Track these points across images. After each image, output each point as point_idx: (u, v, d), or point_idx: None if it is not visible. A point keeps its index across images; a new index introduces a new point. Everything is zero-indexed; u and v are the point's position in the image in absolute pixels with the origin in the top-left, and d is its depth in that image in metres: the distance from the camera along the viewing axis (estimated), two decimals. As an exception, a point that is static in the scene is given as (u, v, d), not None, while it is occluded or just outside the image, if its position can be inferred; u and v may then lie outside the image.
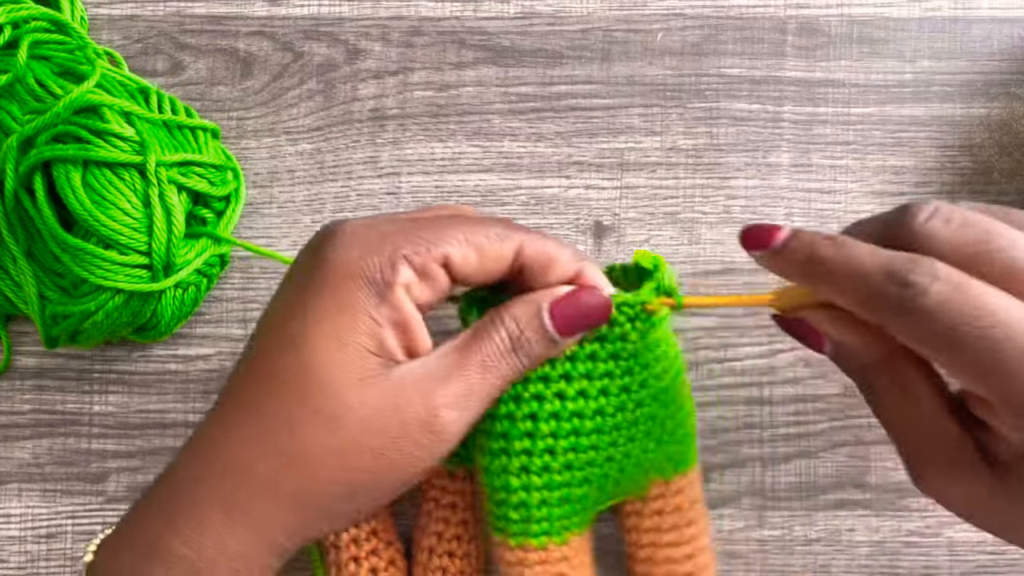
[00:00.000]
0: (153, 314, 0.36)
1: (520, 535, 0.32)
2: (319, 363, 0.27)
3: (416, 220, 0.29)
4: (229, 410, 0.29)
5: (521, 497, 0.31)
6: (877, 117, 0.40)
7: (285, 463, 0.27)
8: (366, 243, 0.28)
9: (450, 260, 0.28)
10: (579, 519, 0.32)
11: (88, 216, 0.33)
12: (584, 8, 0.40)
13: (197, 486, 0.28)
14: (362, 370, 0.27)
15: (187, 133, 0.37)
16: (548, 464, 0.31)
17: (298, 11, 0.41)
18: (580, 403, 0.31)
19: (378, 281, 0.27)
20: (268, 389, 0.28)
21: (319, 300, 0.28)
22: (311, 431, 0.27)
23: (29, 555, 0.38)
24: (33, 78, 0.36)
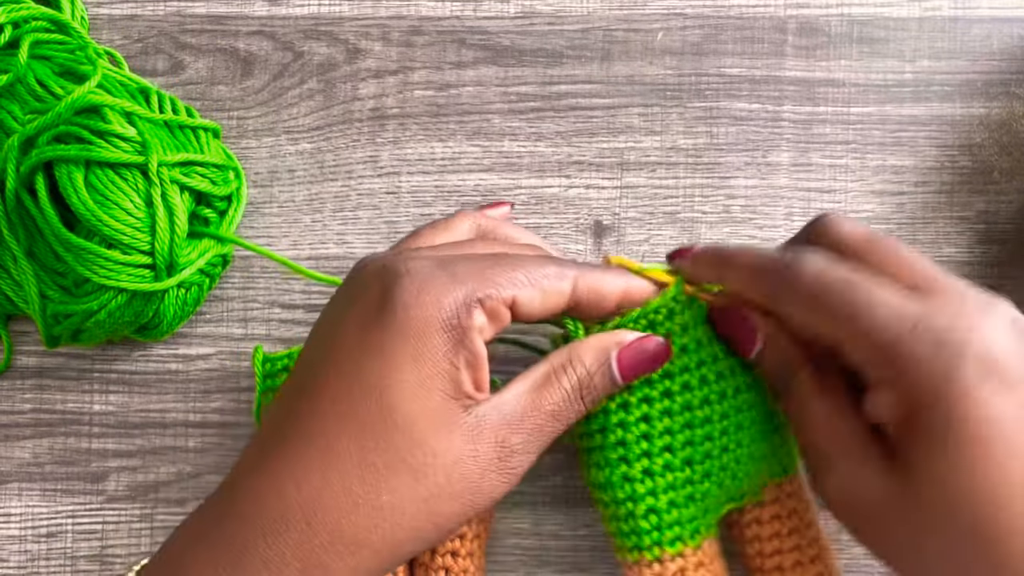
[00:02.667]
0: (156, 313, 0.36)
1: (654, 545, 0.31)
2: (403, 411, 0.27)
3: (481, 261, 0.29)
4: (297, 450, 0.27)
5: (649, 503, 0.31)
6: (877, 117, 0.40)
7: (369, 516, 0.27)
8: (439, 287, 0.28)
9: (517, 302, 0.29)
10: (707, 519, 0.32)
11: (91, 216, 0.33)
12: (584, 8, 0.41)
13: (268, 542, 0.27)
14: (444, 416, 0.27)
15: (188, 133, 0.37)
16: (669, 462, 0.31)
17: (298, 11, 0.41)
18: (687, 396, 0.31)
19: (456, 327, 0.28)
20: (347, 434, 0.27)
21: (399, 347, 0.27)
22: (400, 483, 0.27)
23: (29, 554, 0.39)
24: (34, 78, 0.36)
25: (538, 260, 0.30)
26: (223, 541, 0.27)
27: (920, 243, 0.40)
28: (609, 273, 0.31)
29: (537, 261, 0.30)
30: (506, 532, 0.38)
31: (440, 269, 0.28)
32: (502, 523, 0.38)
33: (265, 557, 0.26)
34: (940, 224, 0.40)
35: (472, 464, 0.28)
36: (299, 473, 0.27)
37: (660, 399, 0.31)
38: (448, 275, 0.28)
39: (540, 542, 0.38)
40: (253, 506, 0.27)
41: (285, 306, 0.40)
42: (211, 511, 0.28)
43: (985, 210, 0.40)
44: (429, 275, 0.28)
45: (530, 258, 0.30)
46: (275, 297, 0.40)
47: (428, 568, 0.34)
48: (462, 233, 0.34)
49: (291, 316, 0.39)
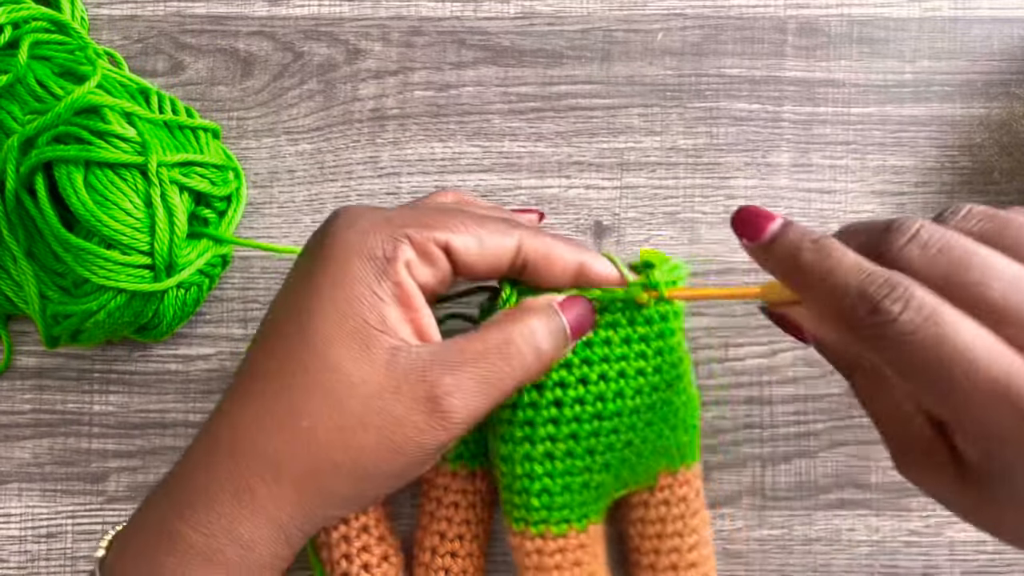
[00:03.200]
0: (155, 314, 0.36)
1: (541, 523, 0.32)
2: (321, 336, 0.28)
3: (419, 207, 0.30)
4: (238, 389, 0.29)
5: (545, 484, 0.32)
6: (877, 117, 0.40)
7: (288, 440, 0.27)
8: (369, 222, 0.29)
9: (451, 245, 0.29)
10: (597, 506, 0.33)
11: (90, 217, 0.33)
12: (584, 8, 0.41)
13: (206, 470, 0.28)
14: (363, 343, 0.28)
15: (188, 133, 0.37)
16: (572, 449, 0.32)
17: (298, 11, 0.41)
18: (601, 386, 0.32)
19: (379, 257, 0.28)
20: (274, 363, 0.28)
21: (323, 275, 0.28)
22: (313, 406, 0.27)
23: (29, 555, 0.39)
24: (34, 78, 0.36)
25: (486, 216, 0.30)
26: (175, 478, 0.29)
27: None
28: (567, 244, 0.31)
29: (485, 216, 0.30)
30: (506, 532, 0.38)
31: (376, 210, 0.30)
32: (502, 523, 0.38)
33: (203, 483, 0.28)
34: (940, 224, 0.40)
35: (392, 399, 0.27)
36: (234, 404, 0.29)
37: (575, 385, 0.31)
38: (382, 214, 0.29)
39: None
40: (196, 443, 0.29)
41: (285, 306, 0.40)
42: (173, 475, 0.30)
43: (985, 210, 0.40)
44: (363, 212, 0.29)
45: (479, 214, 0.30)
46: (275, 297, 0.40)
47: (428, 568, 0.35)
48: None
49: None
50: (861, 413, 0.39)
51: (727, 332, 0.39)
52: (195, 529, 0.28)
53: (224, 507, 0.28)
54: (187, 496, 0.28)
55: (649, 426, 0.33)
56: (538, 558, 0.33)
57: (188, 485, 0.28)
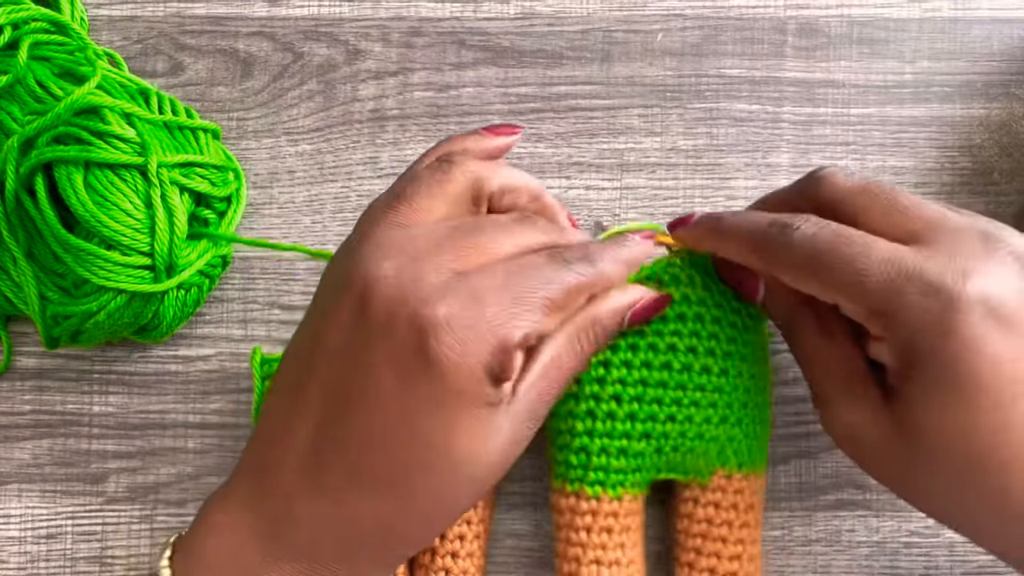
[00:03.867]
0: (155, 315, 0.36)
1: (576, 481, 0.33)
2: (464, 453, 0.28)
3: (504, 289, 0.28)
4: (366, 488, 0.28)
5: (583, 442, 0.33)
6: (877, 118, 0.40)
7: (442, 525, 0.32)
8: (475, 339, 0.27)
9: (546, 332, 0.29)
10: (635, 478, 0.33)
11: (90, 217, 0.33)
12: (584, 8, 0.41)
13: (346, 551, 0.29)
14: (491, 433, 0.28)
15: (188, 134, 0.37)
16: (613, 411, 0.32)
17: (298, 11, 0.41)
18: (650, 355, 0.32)
19: (495, 371, 0.28)
20: (413, 480, 0.28)
21: (449, 401, 0.27)
22: (465, 496, 0.29)
23: (29, 555, 0.39)
24: (33, 79, 0.36)
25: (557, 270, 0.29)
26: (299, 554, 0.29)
27: (920, 244, 0.40)
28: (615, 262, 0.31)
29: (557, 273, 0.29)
30: (506, 533, 0.38)
31: (474, 312, 0.27)
32: (502, 524, 0.38)
33: (344, 566, 0.29)
34: (940, 225, 0.40)
35: (516, 442, 0.29)
36: (371, 507, 0.28)
37: (624, 349, 0.33)
38: (482, 320, 0.27)
39: (540, 543, 0.38)
40: (329, 527, 0.29)
41: (285, 307, 0.40)
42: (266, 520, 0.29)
43: (985, 211, 0.40)
44: (465, 323, 0.27)
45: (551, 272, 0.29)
46: (275, 298, 0.40)
47: (428, 569, 0.35)
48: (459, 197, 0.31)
49: (291, 317, 0.40)
50: (861, 414, 0.39)
51: (727, 333, 0.39)
52: None
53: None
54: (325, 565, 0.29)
55: (696, 407, 0.33)
56: (571, 516, 0.33)
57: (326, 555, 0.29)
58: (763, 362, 0.35)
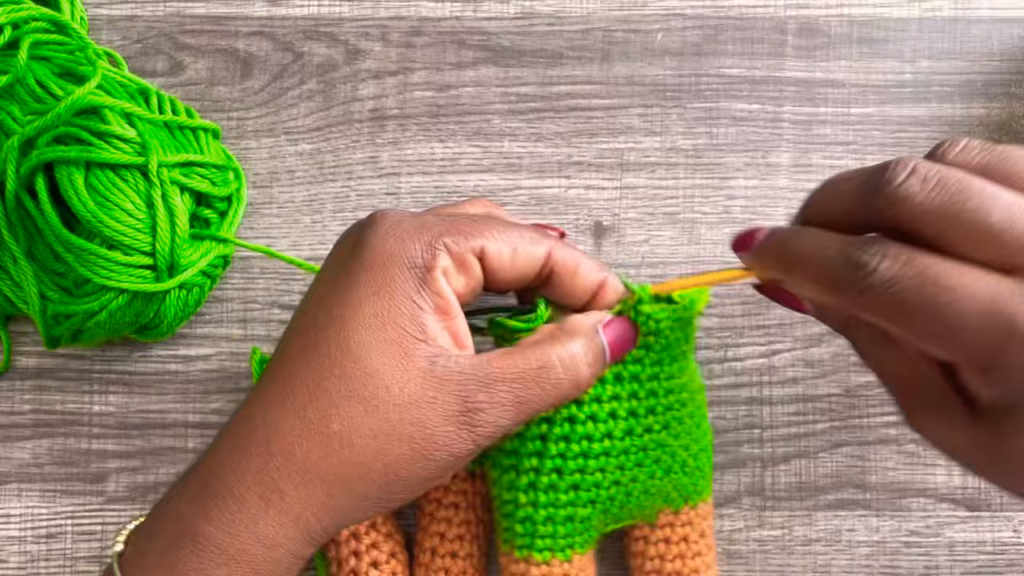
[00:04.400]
0: (156, 314, 0.36)
1: (524, 548, 0.32)
2: (360, 343, 0.28)
3: (454, 215, 0.30)
4: (269, 385, 0.29)
5: (527, 512, 0.32)
6: (877, 117, 0.40)
7: (321, 442, 0.28)
8: (407, 230, 0.29)
9: (486, 253, 0.29)
10: (583, 538, 0.33)
11: (92, 218, 0.34)
12: (584, 8, 0.41)
13: (233, 470, 0.28)
14: (402, 352, 0.28)
15: (188, 134, 0.38)
16: (555, 483, 0.32)
17: (298, 11, 0.41)
18: (590, 426, 0.32)
19: (418, 265, 0.28)
20: (308, 366, 0.28)
21: (360, 281, 0.28)
22: (350, 412, 0.28)
23: (29, 555, 0.39)
24: (33, 79, 0.36)
25: (519, 224, 0.31)
26: (197, 476, 0.29)
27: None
28: (591, 260, 0.31)
29: (517, 225, 0.30)
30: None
31: (414, 217, 0.30)
32: (502, 524, 0.38)
33: (229, 483, 0.28)
34: (940, 225, 0.40)
35: (428, 409, 0.28)
36: (264, 404, 0.28)
37: (561, 422, 0.32)
38: (419, 222, 0.29)
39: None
40: (226, 435, 0.29)
41: (285, 307, 0.40)
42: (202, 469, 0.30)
43: (985, 211, 0.40)
44: (400, 220, 0.29)
45: (511, 222, 0.31)
46: (275, 298, 0.40)
47: (428, 569, 0.35)
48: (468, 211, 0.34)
49: (290, 317, 0.40)
50: (861, 413, 0.39)
51: (727, 332, 0.39)
52: (220, 528, 0.28)
53: (251, 507, 0.28)
54: (212, 495, 0.28)
55: (640, 467, 0.33)
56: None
57: (213, 483, 0.28)
58: (701, 395, 0.35)
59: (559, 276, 0.31)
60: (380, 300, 0.28)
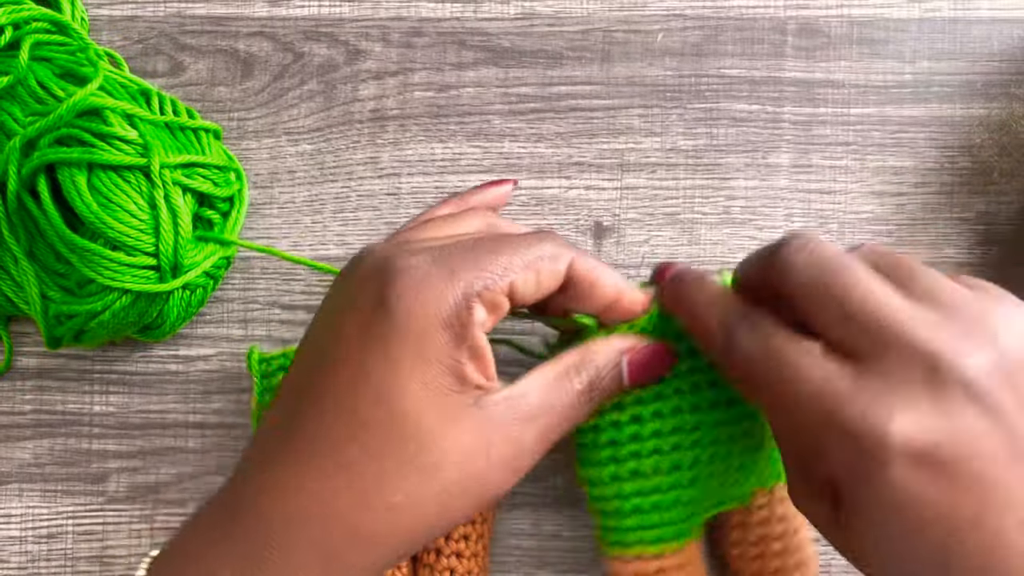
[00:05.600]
0: (159, 314, 0.36)
1: (637, 544, 0.32)
2: (412, 414, 0.27)
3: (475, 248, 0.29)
4: (308, 450, 0.28)
5: (635, 503, 0.32)
6: (877, 118, 0.41)
7: (388, 516, 0.27)
8: (437, 284, 0.28)
9: (515, 289, 0.29)
10: (692, 522, 0.33)
11: (95, 219, 0.34)
12: (584, 9, 0.41)
13: (289, 534, 0.27)
14: (452, 412, 0.28)
15: (189, 134, 0.38)
16: (658, 465, 0.32)
17: (298, 12, 0.41)
18: (678, 400, 0.32)
19: (456, 325, 0.28)
20: (355, 438, 0.27)
21: (401, 348, 0.27)
22: (412, 482, 0.27)
23: (29, 555, 0.39)
24: (34, 80, 0.36)
25: (533, 239, 0.30)
26: (242, 536, 0.27)
27: (920, 244, 0.40)
28: (610, 270, 0.31)
29: (532, 240, 0.30)
30: (506, 533, 0.39)
31: (437, 264, 0.28)
32: (502, 524, 0.39)
33: (286, 551, 0.27)
34: (940, 225, 0.40)
35: (483, 459, 0.28)
36: (313, 473, 0.27)
37: (652, 401, 0.32)
38: (446, 270, 0.28)
39: (540, 543, 0.39)
40: (271, 501, 0.28)
41: (285, 307, 0.40)
42: (223, 507, 0.29)
43: (985, 211, 0.40)
44: (427, 272, 0.28)
45: (524, 238, 0.30)
46: (275, 298, 0.40)
47: (433, 570, 0.35)
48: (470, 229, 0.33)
49: (291, 317, 0.40)
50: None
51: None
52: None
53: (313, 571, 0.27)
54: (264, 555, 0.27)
55: (733, 439, 0.32)
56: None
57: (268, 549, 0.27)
58: None
59: (577, 288, 0.31)
60: (426, 369, 0.27)
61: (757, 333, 0.27)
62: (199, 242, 0.37)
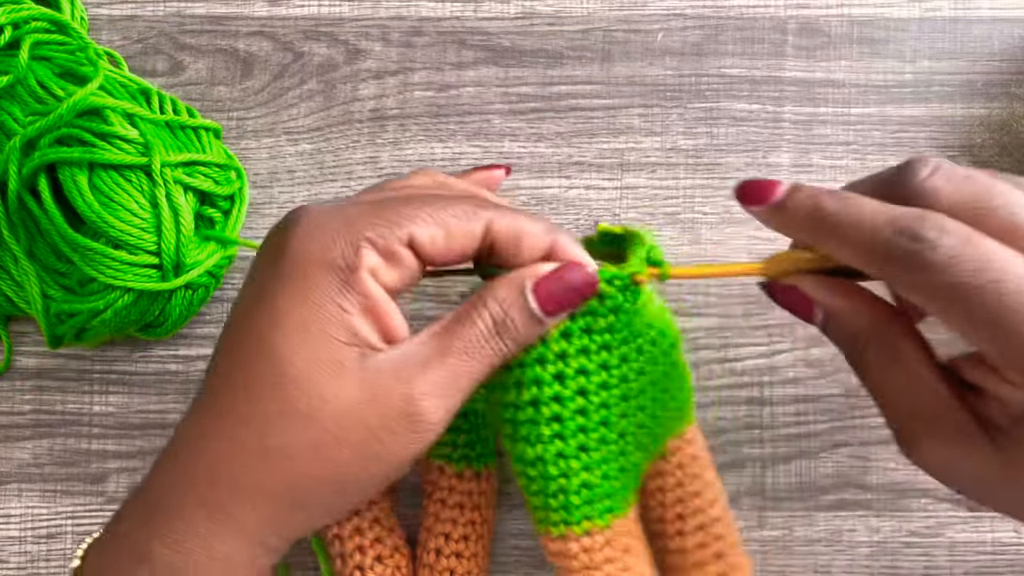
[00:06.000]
0: (161, 312, 0.37)
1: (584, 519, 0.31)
2: (289, 357, 0.27)
3: (381, 201, 0.28)
4: (203, 409, 0.28)
5: (584, 478, 0.31)
6: (877, 117, 0.41)
7: (263, 461, 0.27)
8: (328, 229, 0.27)
9: (416, 240, 0.27)
10: (636, 484, 0.33)
11: (97, 219, 0.34)
12: (584, 8, 0.41)
13: (177, 489, 0.28)
14: (335, 361, 0.27)
15: (190, 133, 0.38)
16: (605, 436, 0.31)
17: (298, 11, 0.41)
18: (624, 368, 0.31)
19: (341, 267, 0.27)
20: (239, 386, 0.27)
21: (283, 292, 0.27)
22: (286, 427, 0.27)
23: (29, 555, 0.39)
24: (34, 79, 0.36)
25: (450, 198, 0.29)
26: (144, 501, 0.29)
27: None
28: (537, 223, 0.29)
29: (448, 199, 0.28)
30: (506, 533, 0.39)
31: (335, 212, 0.28)
32: (502, 524, 0.39)
33: (173, 504, 0.28)
34: (940, 225, 0.40)
35: (369, 411, 0.27)
36: (200, 428, 0.28)
37: (597, 371, 0.30)
38: (340, 217, 0.27)
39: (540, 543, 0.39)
40: (164, 460, 0.29)
41: (285, 307, 0.40)
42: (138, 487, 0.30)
43: (985, 211, 0.40)
44: (320, 219, 0.28)
45: (443, 197, 0.29)
46: (275, 298, 0.40)
47: (433, 570, 0.35)
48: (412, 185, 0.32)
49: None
50: (862, 414, 0.39)
51: (727, 332, 0.40)
52: (172, 548, 0.27)
53: (200, 527, 0.27)
54: (160, 516, 0.28)
55: (659, 393, 0.32)
56: (587, 557, 0.32)
57: (161, 504, 0.28)
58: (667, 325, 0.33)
59: (502, 247, 0.29)
60: (304, 310, 0.27)
61: (959, 236, 0.24)
62: (202, 241, 0.37)
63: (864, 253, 0.26)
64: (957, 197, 0.25)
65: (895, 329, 0.28)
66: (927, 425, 0.27)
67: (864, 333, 0.28)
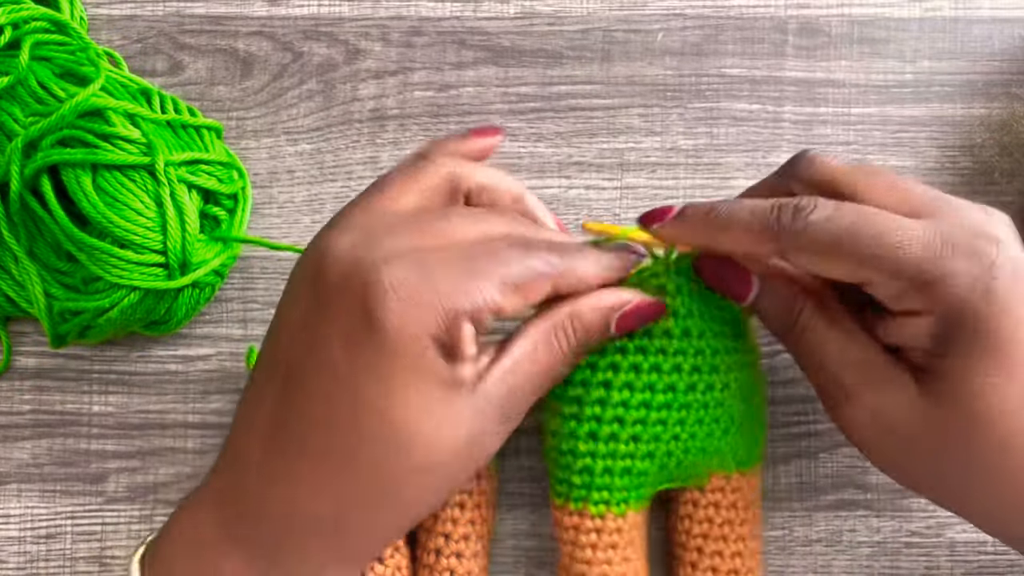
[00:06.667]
0: (167, 311, 0.37)
1: (580, 500, 0.33)
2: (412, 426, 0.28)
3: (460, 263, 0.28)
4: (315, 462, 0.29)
5: (586, 463, 0.33)
6: (877, 117, 0.41)
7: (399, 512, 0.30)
8: (426, 304, 0.27)
9: (501, 310, 0.29)
10: (638, 494, 0.34)
11: (102, 219, 0.34)
12: (584, 8, 0.41)
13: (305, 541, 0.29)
14: (451, 415, 0.28)
15: (192, 132, 0.38)
16: (615, 433, 0.33)
17: (298, 11, 0.41)
18: (653, 376, 0.32)
19: (447, 343, 0.28)
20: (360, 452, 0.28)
21: (394, 368, 0.28)
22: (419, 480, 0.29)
23: (28, 555, 0.39)
24: (35, 80, 0.36)
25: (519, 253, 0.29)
26: (251, 535, 0.29)
27: (921, 244, 0.40)
28: (590, 260, 0.31)
29: (518, 256, 0.29)
30: (506, 533, 0.39)
31: (422, 280, 0.28)
32: (502, 524, 0.39)
33: (302, 552, 0.29)
34: (941, 225, 0.40)
35: (481, 437, 0.29)
36: (322, 484, 0.29)
37: (627, 371, 0.32)
38: (431, 288, 0.28)
39: (540, 543, 0.39)
40: (285, 510, 0.29)
41: (285, 307, 0.40)
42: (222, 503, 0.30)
43: (985, 211, 0.40)
44: (412, 290, 0.27)
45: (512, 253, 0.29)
46: (274, 298, 0.40)
47: (432, 570, 0.35)
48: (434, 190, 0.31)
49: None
50: (861, 414, 0.39)
51: (727, 332, 0.40)
52: None
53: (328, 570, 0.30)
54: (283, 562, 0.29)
55: (700, 424, 0.33)
56: (574, 534, 0.34)
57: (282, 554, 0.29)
58: (756, 362, 0.35)
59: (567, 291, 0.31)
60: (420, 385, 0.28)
61: (829, 203, 0.29)
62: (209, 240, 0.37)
63: (756, 232, 0.29)
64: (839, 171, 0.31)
65: (826, 292, 0.32)
66: (861, 374, 0.30)
67: (801, 296, 0.32)
